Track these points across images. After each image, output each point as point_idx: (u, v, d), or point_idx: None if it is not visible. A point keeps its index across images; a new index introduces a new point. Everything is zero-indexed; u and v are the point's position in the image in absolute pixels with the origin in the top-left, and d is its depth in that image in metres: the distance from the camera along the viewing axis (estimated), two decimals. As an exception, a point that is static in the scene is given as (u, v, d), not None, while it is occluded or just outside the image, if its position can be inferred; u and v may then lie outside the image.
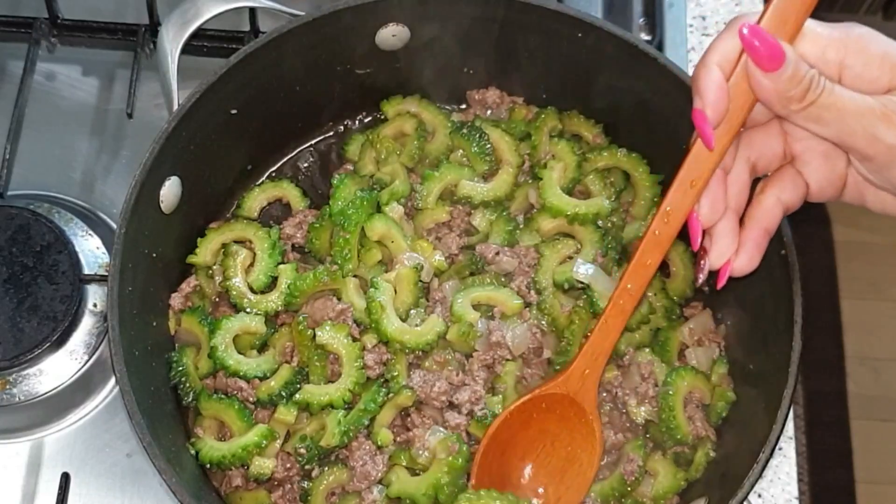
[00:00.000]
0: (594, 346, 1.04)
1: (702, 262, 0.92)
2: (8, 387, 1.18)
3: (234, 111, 1.17)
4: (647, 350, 1.15)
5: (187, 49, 1.18)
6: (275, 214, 1.25)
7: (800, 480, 1.22)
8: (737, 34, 0.82)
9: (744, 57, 0.83)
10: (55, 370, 1.19)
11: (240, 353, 1.12)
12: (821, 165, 0.89)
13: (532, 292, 1.15)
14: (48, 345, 1.15)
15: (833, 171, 0.89)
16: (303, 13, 1.15)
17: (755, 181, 0.93)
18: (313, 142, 1.30)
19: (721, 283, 0.92)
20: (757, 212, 0.91)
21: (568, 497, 1.08)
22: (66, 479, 1.13)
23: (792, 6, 0.82)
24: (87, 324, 1.21)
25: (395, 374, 1.10)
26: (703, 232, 0.91)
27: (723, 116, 0.85)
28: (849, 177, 0.89)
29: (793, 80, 0.80)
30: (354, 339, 1.10)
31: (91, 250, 1.24)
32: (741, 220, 0.92)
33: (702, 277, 0.93)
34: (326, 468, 1.09)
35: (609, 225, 1.19)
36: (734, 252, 0.91)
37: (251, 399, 1.11)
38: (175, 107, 1.13)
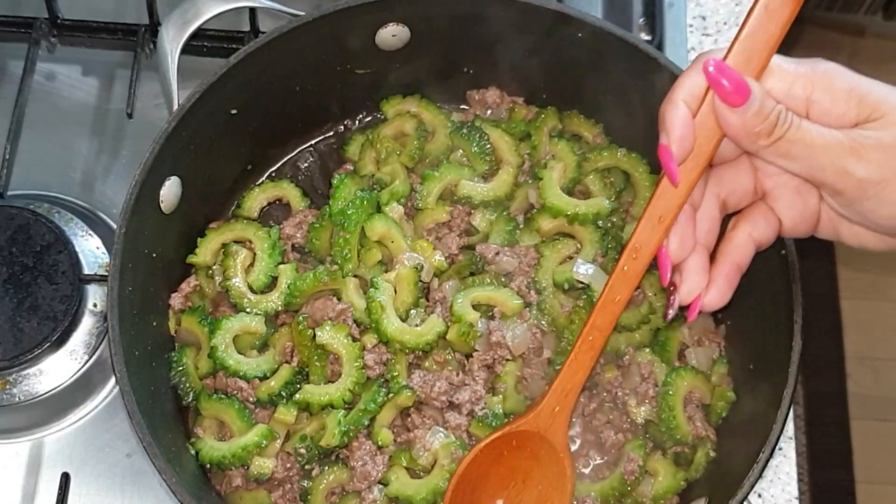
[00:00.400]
0: (564, 383, 1.01)
1: (671, 297, 0.92)
2: (8, 387, 1.18)
3: (234, 111, 1.17)
4: (647, 350, 1.15)
5: (187, 49, 1.18)
6: (275, 214, 1.25)
7: (800, 480, 1.22)
8: (702, 70, 0.82)
9: (710, 93, 0.83)
10: (55, 370, 1.19)
11: (240, 353, 1.12)
12: (793, 201, 0.89)
13: (532, 292, 1.15)
14: (48, 345, 1.15)
15: (806, 207, 0.89)
16: (303, 13, 1.15)
17: (727, 217, 0.93)
18: (313, 142, 1.31)
19: (692, 317, 0.92)
20: (728, 247, 0.91)
21: None
22: (66, 479, 1.13)
23: (757, 43, 0.82)
24: (87, 324, 1.21)
25: (395, 374, 1.10)
26: (673, 267, 0.91)
27: (688, 152, 0.85)
28: (822, 212, 0.89)
29: (759, 115, 0.81)
30: (354, 339, 1.10)
31: (91, 250, 1.24)
32: (713, 256, 0.92)
33: (671, 313, 0.93)
34: (326, 468, 1.09)
35: (609, 225, 1.19)
36: (704, 287, 0.91)
37: (251, 399, 1.11)
38: (175, 107, 1.13)
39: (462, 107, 1.31)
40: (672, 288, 0.92)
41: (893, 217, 0.82)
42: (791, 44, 0.85)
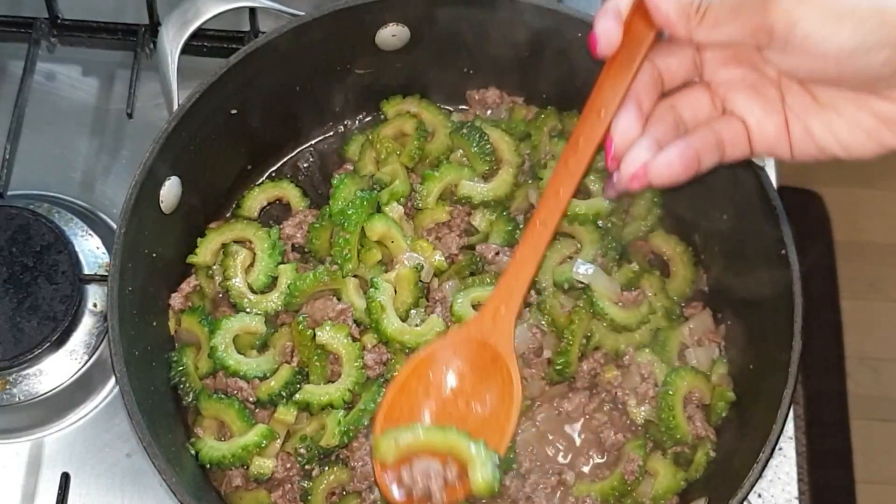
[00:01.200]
0: (508, 282, 0.97)
1: (613, 173, 0.90)
2: (8, 387, 1.18)
3: (234, 111, 1.17)
4: (647, 350, 1.15)
5: (187, 49, 1.18)
6: (275, 214, 1.25)
7: (800, 480, 1.22)
8: None
9: None
10: (55, 370, 1.19)
11: (240, 353, 1.12)
12: (750, 98, 0.90)
13: (532, 292, 1.15)
14: (48, 345, 1.15)
15: (766, 102, 0.90)
16: (303, 13, 1.15)
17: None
18: (313, 142, 1.31)
19: (633, 181, 0.89)
20: (688, 136, 0.91)
21: None
22: (66, 479, 1.13)
23: None
24: (86, 324, 1.21)
25: (395, 373, 1.10)
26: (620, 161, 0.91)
27: (614, 43, 0.89)
28: (789, 117, 0.89)
29: None
30: (354, 339, 1.10)
31: (91, 250, 1.24)
32: None
33: (611, 192, 0.92)
34: (327, 468, 1.09)
35: (609, 225, 1.19)
36: (650, 157, 0.89)
37: (251, 399, 1.11)
38: (175, 107, 1.13)
39: (462, 107, 1.31)
40: (616, 167, 0.91)
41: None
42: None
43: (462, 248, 1.19)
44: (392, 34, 1.20)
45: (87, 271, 1.20)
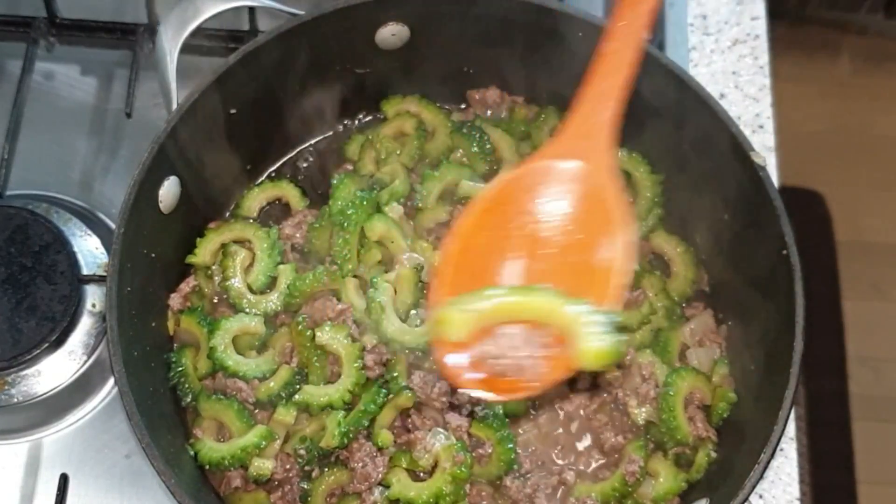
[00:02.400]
0: (598, 84, 0.67)
1: None
2: (6, 387, 1.18)
3: (233, 111, 1.16)
4: (648, 351, 1.14)
5: (186, 48, 1.17)
6: (274, 214, 1.25)
7: (801, 481, 1.22)
8: None
9: None
10: (54, 371, 1.18)
11: (239, 353, 1.11)
12: None
13: (532, 293, 1.15)
14: (46, 345, 1.15)
15: None
16: (302, 12, 1.15)
17: None
18: (313, 142, 1.30)
19: None
20: None
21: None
22: (64, 480, 1.13)
23: None
24: (85, 324, 1.20)
25: (395, 374, 1.10)
26: None
27: None
28: None
29: None
30: (354, 340, 1.10)
31: (90, 250, 1.24)
32: None
33: None
34: (326, 469, 1.09)
35: (610, 225, 1.19)
36: None
37: (250, 400, 1.10)
38: (174, 106, 1.13)
39: (462, 107, 1.30)
40: None
41: None
42: (791, 44, 0.85)
43: (462, 249, 1.18)
44: (392, 34, 1.19)
45: (85, 271, 1.19)
